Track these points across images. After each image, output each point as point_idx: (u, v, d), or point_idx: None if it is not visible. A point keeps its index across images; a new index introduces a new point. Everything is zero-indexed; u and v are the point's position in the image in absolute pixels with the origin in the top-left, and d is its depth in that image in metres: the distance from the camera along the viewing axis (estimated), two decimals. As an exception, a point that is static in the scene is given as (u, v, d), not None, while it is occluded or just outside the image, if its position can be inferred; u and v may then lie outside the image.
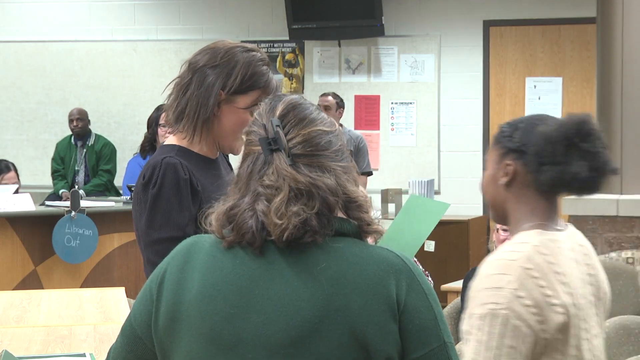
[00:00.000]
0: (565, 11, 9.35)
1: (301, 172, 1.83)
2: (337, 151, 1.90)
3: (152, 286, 1.92)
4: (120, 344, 1.95)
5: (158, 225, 2.79)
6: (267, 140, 1.85)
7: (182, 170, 2.81)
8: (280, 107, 1.90)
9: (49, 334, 3.44)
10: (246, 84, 2.84)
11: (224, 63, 2.86)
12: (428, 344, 1.83)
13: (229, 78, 2.84)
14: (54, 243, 6.22)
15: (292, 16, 9.54)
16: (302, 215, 1.80)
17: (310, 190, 1.82)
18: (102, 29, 10.08)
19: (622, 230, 6.87)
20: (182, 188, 2.80)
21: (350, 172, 1.90)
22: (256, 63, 2.86)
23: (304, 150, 1.86)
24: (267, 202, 1.82)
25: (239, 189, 1.88)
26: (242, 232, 1.84)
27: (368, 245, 1.87)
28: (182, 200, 2.80)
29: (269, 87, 2.87)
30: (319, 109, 1.94)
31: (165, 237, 2.76)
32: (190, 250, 1.91)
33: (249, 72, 2.85)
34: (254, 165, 1.87)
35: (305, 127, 1.88)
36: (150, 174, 2.82)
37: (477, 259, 8.65)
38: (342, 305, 1.80)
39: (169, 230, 2.78)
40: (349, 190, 1.86)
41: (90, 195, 8.32)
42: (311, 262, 1.83)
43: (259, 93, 2.85)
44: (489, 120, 9.54)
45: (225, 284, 1.84)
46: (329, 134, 1.90)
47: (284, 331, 1.80)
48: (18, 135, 10.09)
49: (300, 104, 1.92)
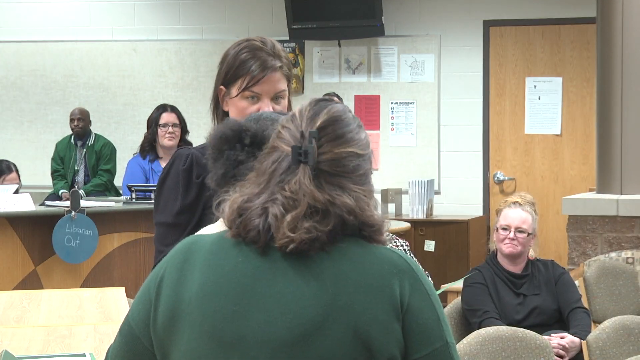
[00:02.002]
0: (565, 11, 9.35)
1: (321, 190, 1.84)
2: (362, 175, 1.90)
3: (151, 285, 1.92)
4: (119, 344, 1.95)
5: (159, 210, 2.98)
6: (299, 151, 1.86)
7: (185, 161, 2.94)
8: (322, 117, 1.89)
9: (49, 334, 3.44)
10: (229, 74, 2.98)
11: (222, 60, 3.03)
12: (431, 344, 1.84)
13: (221, 73, 3.01)
14: (54, 243, 6.22)
15: (292, 16, 9.54)
16: (313, 233, 1.81)
17: (327, 209, 1.83)
18: (102, 29, 10.08)
19: (622, 230, 6.87)
20: (180, 178, 2.93)
21: (370, 196, 1.91)
22: (239, 52, 2.97)
23: (331, 168, 1.87)
24: (282, 209, 1.83)
25: (258, 183, 1.89)
26: (248, 229, 1.85)
27: (371, 245, 1.88)
28: (178, 190, 2.93)
29: (253, 71, 2.95)
30: (360, 126, 1.94)
31: (161, 222, 2.96)
32: (190, 248, 1.91)
33: (232, 63, 2.98)
34: (279, 165, 1.88)
35: (340, 146, 1.88)
36: (168, 162, 3.03)
37: (477, 259, 8.66)
38: (346, 305, 1.80)
39: (164, 215, 2.95)
40: (367, 215, 1.87)
41: (90, 195, 8.32)
42: (315, 262, 1.83)
43: (243, 79, 2.95)
44: (489, 120, 9.53)
45: (227, 281, 1.84)
46: (359, 158, 1.90)
47: (287, 330, 1.80)
48: (18, 135, 10.09)
49: (342, 119, 1.91)
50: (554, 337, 5.14)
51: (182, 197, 2.91)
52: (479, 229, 9.19)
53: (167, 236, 2.91)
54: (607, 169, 7.08)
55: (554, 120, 9.39)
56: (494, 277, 5.42)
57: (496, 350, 4.45)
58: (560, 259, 8.14)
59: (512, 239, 5.43)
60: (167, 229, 2.93)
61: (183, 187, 2.92)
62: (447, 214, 9.40)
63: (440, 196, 9.53)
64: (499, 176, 9.54)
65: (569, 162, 9.42)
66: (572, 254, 7.02)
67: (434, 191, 9.35)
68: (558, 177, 9.46)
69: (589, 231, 6.91)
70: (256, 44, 2.98)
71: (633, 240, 6.85)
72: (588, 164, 9.26)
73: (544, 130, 9.44)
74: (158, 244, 2.95)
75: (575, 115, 9.37)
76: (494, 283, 5.40)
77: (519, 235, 5.44)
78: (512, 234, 5.44)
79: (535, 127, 9.45)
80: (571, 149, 9.40)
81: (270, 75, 2.94)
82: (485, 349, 4.44)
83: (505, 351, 4.47)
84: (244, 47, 2.98)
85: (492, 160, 9.54)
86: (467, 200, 9.54)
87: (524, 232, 5.45)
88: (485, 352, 4.43)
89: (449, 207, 9.46)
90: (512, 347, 4.49)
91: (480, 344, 4.44)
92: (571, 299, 5.36)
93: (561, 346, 5.12)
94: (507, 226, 5.47)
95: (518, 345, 4.50)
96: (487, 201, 9.54)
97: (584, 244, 6.98)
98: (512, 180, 9.54)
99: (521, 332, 4.56)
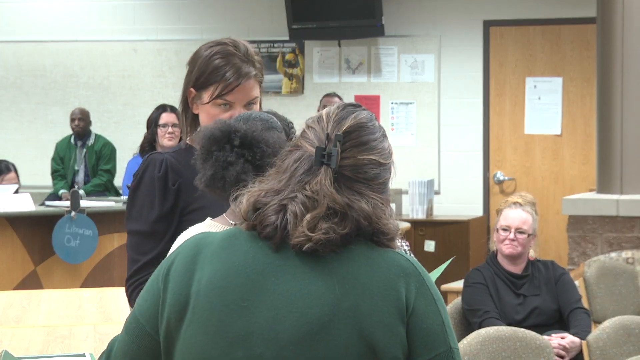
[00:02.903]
0: (565, 11, 9.35)
1: (341, 193, 1.86)
2: (381, 184, 1.92)
3: (159, 279, 1.92)
4: (127, 342, 1.94)
5: (132, 217, 2.89)
6: (322, 152, 1.87)
7: (160, 167, 2.86)
8: (349, 122, 1.91)
9: (49, 334, 3.44)
10: (202, 79, 2.89)
11: (193, 61, 2.93)
12: (434, 349, 1.85)
13: (191, 76, 2.92)
14: (53, 243, 6.22)
15: (292, 16, 9.53)
16: (330, 235, 1.83)
17: (345, 212, 1.85)
18: (102, 29, 10.07)
19: (622, 230, 6.88)
20: (155, 185, 2.85)
21: (387, 205, 1.92)
22: (212, 57, 2.89)
23: (352, 174, 1.89)
24: (302, 208, 1.85)
25: (278, 180, 1.90)
26: (264, 224, 1.86)
27: (379, 248, 1.89)
28: (154, 196, 2.85)
29: (227, 79, 2.86)
30: (384, 136, 1.96)
31: (135, 230, 2.87)
32: (200, 243, 1.91)
33: (204, 67, 2.89)
34: (300, 165, 1.89)
35: (363, 153, 1.90)
36: (139, 167, 2.93)
37: (477, 259, 8.66)
38: (352, 306, 1.81)
39: (140, 223, 2.86)
40: (383, 223, 1.88)
41: (90, 195, 8.32)
42: (324, 261, 1.84)
43: (215, 87, 2.87)
44: (489, 120, 9.53)
45: (236, 276, 1.85)
46: (381, 166, 1.92)
47: (294, 327, 1.80)
48: (18, 135, 10.09)
49: (368, 126, 1.93)
50: (554, 337, 5.14)
51: (160, 204, 2.83)
52: (479, 229, 9.19)
53: (143, 244, 2.83)
54: (607, 169, 7.08)
55: (554, 120, 9.39)
56: (494, 277, 5.42)
57: (496, 350, 4.45)
58: (560, 259, 8.14)
59: (513, 240, 5.43)
60: (142, 238, 2.84)
61: (160, 194, 2.84)
62: (447, 214, 9.40)
63: (440, 196, 9.53)
64: (499, 176, 9.54)
65: (569, 162, 9.42)
66: (572, 254, 7.02)
67: (434, 191, 9.35)
68: (558, 177, 9.46)
69: (589, 231, 6.91)
70: (229, 49, 2.89)
71: (633, 240, 6.85)
72: (588, 164, 9.26)
73: (544, 130, 9.44)
74: (133, 252, 2.86)
75: (575, 115, 9.37)
76: (494, 283, 5.40)
77: (519, 236, 5.44)
78: (512, 234, 5.43)
79: (535, 127, 9.45)
80: (571, 149, 9.40)
81: (245, 84, 2.87)
82: (485, 349, 4.44)
83: (506, 351, 4.47)
84: (216, 51, 2.89)
85: (492, 160, 9.54)
86: (467, 200, 9.54)
87: (524, 233, 5.44)
88: (485, 352, 4.43)
89: (449, 207, 9.46)
90: (512, 347, 4.49)
91: (480, 344, 4.44)
92: (571, 299, 5.36)
93: (561, 346, 5.12)
94: (507, 227, 5.47)
95: (518, 346, 4.50)
96: (487, 201, 9.54)
97: (584, 244, 6.98)
98: (512, 181, 9.54)
99: (521, 332, 4.56)
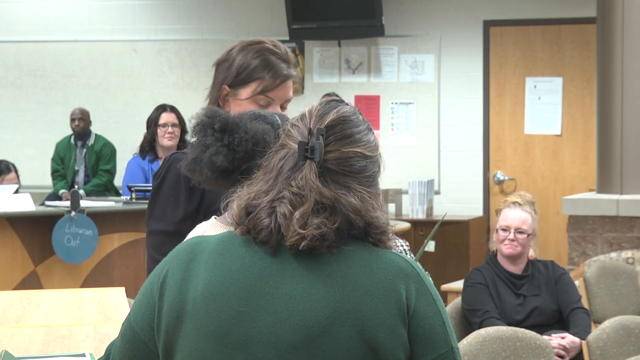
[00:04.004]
0: (565, 11, 9.35)
1: (327, 187, 1.84)
2: (368, 177, 1.90)
3: (154, 286, 1.90)
4: (122, 348, 1.93)
5: (155, 217, 2.87)
6: (305, 147, 1.85)
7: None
8: (331, 116, 1.90)
9: (48, 334, 3.43)
10: (241, 76, 2.92)
11: (228, 59, 2.96)
12: (436, 349, 1.84)
13: (229, 72, 2.94)
14: (53, 243, 6.22)
15: (292, 16, 9.53)
16: (323, 229, 1.81)
17: (334, 205, 1.83)
18: (102, 29, 10.07)
19: (622, 230, 6.88)
20: (180, 184, 2.84)
21: (376, 199, 1.90)
22: (255, 54, 2.93)
23: (337, 167, 1.87)
24: (290, 207, 1.83)
25: (265, 180, 1.89)
26: (258, 229, 1.84)
27: (377, 249, 1.87)
28: (179, 196, 2.85)
29: (275, 75, 2.92)
30: (369, 129, 1.94)
31: (159, 230, 2.86)
32: (194, 248, 1.90)
33: (244, 65, 2.92)
34: (286, 162, 1.88)
35: (347, 146, 1.88)
36: (160, 166, 2.93)
37: (477, 259, 8.66)
38: (353, 308, 1.80)
39: (163, 223, 2.85)
40: (372, 216, 1.87)
41: (90, 195, 8.32)
42: (322, 264, 1.83)
43: (258, 83, 2.91)
44: (489, 120, 9.54)
45: (233, 281, 1.83)
46: (367, 159, 1.90)
47: (294, 331, 1.79)
48: (18, 135, 10.09)
49: (351, 119, 1.91)
50: (555, 337, 5.14)
51: (185, 204, 2.84)
52: (479, 229, 9.19)
53: (166, 244, 2.75)
54: (607, 169, 7.08)
55: (554, 120, 9.39)
56: (494, 277, 5.42)
57: (496, 350, 4.45)
58: (561, 259, 8.14)
59: (512, 240, 5.43)
60: (165, 237, 2.83)
61: (186, 194, 2.84)
62: (447, 214, 9.39)
63: (440, 196, 9.53)
64: (499, 176, 9.54)
65: (569, 162, 9.42)
66: (572, 254, 7.02)
67: (433, 191, 9.35)
68: (558, 177, 9.46)
69: (589, 231, 6.91)
70: (271, 48, 2.94)
71: (633, 240, 6.85)
72: (588, 164, 9.26)
73: (544, 130, 9.44)
74: (155, 252, 2.85)
75: (575, 115, 9.37)
76: (494, 283, 5.40)
77: (518, 236, 5.44)
78: (512, 234, 5.44)
79: (535, 127, 9.45)
80: (571, 149, 9.40)
81: (287, 83, 2.94)
82: (486, 349, 4.44)
83: (506, 351, 4.47)
84: (259, 49, 2.93)
85: (492, 160, 9.54)
86: (467, 200, 9.54)
87: (524, 233, 5.44)
88: (485, 352, 4.43)
89: (449, 207, 9.46)
90: (512, 347, 4.49)
91: (480, 344, 4.44)
92: (571, 299, 5.36)
93: (561, 346, 5.12)
94: (507, 227, 5.47)
95: (518, 346, 4.50)
96: (487, 201, 9.54)
97: (584, 244, 6.98)
98: (512, 180, 9.54)
99: (521, 332, 4.56)
